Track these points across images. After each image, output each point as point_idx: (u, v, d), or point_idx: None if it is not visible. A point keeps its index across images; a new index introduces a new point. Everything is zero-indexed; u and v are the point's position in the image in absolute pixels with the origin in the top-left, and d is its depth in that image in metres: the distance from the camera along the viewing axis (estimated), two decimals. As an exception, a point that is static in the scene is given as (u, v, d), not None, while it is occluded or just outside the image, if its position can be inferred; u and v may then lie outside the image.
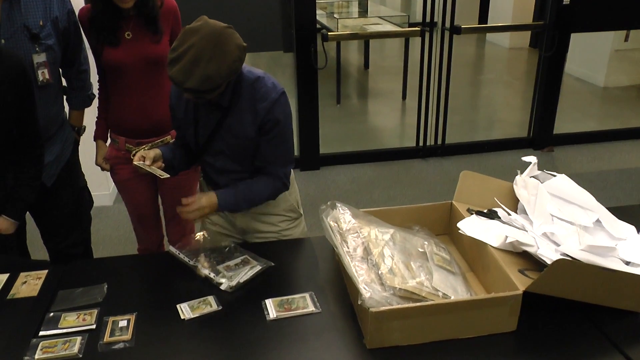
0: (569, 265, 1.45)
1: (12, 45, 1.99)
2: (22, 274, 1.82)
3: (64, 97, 2.40)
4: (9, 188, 2.00)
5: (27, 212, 2.35)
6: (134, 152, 2.30)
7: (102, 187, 3.80)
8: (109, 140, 2.44)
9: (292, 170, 2.05)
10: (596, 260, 1.50)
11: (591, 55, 6.42)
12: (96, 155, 2.45)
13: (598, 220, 1.74)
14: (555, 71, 4.66)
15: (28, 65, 2.00)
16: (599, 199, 1.83)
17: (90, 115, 2.50)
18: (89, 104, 2.49)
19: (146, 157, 1.83)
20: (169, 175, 1.85)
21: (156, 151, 1.88)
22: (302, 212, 2.14)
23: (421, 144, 4.78)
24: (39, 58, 2.06)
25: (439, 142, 4.78)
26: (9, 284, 1.77)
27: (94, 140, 2.45)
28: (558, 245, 1.62)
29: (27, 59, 2.02)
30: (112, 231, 3.68)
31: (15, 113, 1.91)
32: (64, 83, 2.37)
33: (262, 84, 1.81)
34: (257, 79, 1.82)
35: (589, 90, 6.42)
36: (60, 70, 2.27)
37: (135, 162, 1.83)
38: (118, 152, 2.36)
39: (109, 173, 2.48)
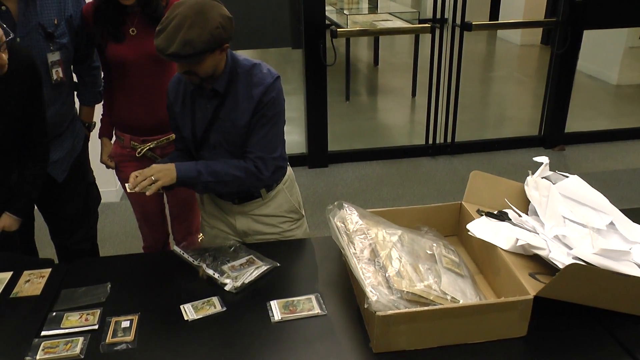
0: (581, 270, 1.41)
1: (27, 43, 1.99)
2: (26, 272, 1.81)
3: (75, 93, 2.39)
4: (13, 185, 1.99)
5: (36, 208, 2.35)
6: (139, 149, 2.28)
7: (108, 184, 3.79)
8: (114, 138, 2.42)
9: (290, 167, 2.02)
10: (610, 265, 1.46)
11: (604, 52, 6.34)
12: (101, 153, 2.44)
13: (612, 223, 1.70)
14: (567, 68, 4.60)
15: (42, 64, 1.99)
16: (611, 199, 1.79)
17: (99, 111, 2.49)
18: (99, 100, 2.48)
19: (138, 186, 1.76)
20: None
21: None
22: (304, 213, 2.11)
23: (430, 141, 4.73)
24: (53, 57, 2.06)
25: (449, 140, 4.73)
26: (13, 282, 1.76)
27: (99, 137, 2.44)
28: (570, 248, 1.58)
29: (42, 57, 2.02)
30: (118, 228, 3.67)
31: (23, 109, 1.89)
32: (75, 79, 2.36)
33: (258, 70, 1.82)
34: (253, 65, 1.83)
35: (602, 88, 6.34)
36: (72, 66, 2.25)
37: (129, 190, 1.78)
38: (123, 149, 2.34)
39: (112, 170, 2.47)
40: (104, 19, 2.11)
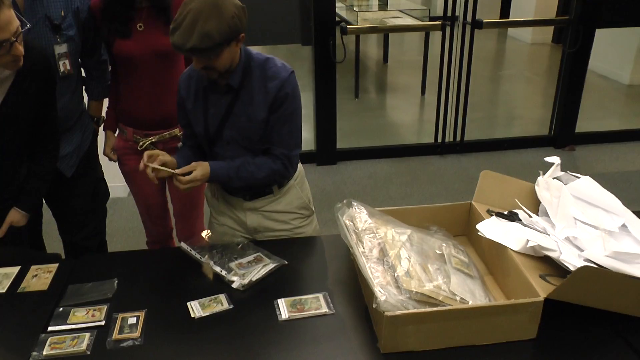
0: (593, 273, 1.39)
1: (34, 36, 1.98)
2: (33, 267, 1.80)
3: (83, 87, 2.38)
4: (22, 180, 1.99)
5: (44, 203, 2.35)
6: (141, 143, 2.28)
7: (116, 179, 3.76)
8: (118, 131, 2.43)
9: (300, 163, 2.01)
10: (622, 267, 1.44)
11: (616, 51, 6.28)
12: (104, 145, 2.44)
13: (624, 225, 1.67)
14: (578, 68, 4.56)
15: (50, 57, 1.99)
16: (622, 200, 1.77)
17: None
18: (107, 95, 2.48)
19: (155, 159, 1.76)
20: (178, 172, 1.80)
21: (166, 157, 1.80)
22: (314, 209, 2.10)
23: (439, 140, 4.71)
24: (61, 49, 2.06)
25: (458, 138, 4.71)
26: (20, 276, 1.76)
27: (104, 130, 2.45)
28: (581, 250, 1.56)
29: (49, 50, 2.01)
30: (125, 222, 3.67)
31: (37, 105, 1.89)
32: (83, 73, 2.36)
33: (272, 64, 1.82)
34: (266, 59, 1.83)
35: (614, 88, 6.29)
36: (80, 60, 2.25)
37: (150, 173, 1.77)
38: (125, 142, 2.35)
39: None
40: (111, 16, 2.11)
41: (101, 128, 2.48)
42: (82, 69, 2.33)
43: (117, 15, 2.10)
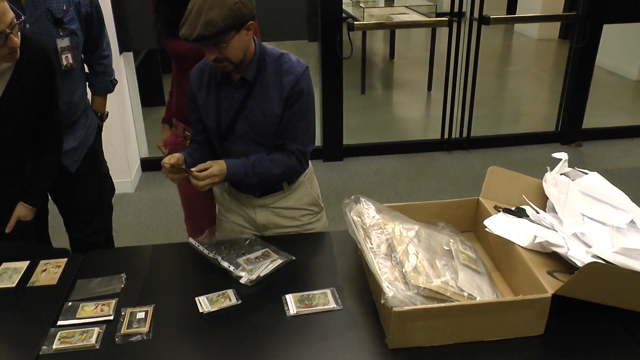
0: (601, 269, 1.39)
1: (36, 29, 1.99)
2: (42, 262, 1.81)
3: (87, 82, 2.39)
4: (28, 175, 2.00)
5: (50, 199, 2.36)
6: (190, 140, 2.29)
7: (124, 175, 3.80)
8: None
9: (310, 162, 2.01)
10: (630, 264, 1.44)
11: (624, 47, 6.25)
12: (159, 138, 2.46)
13: (632, 221, 1.67)
14: (586, 63, 4.53)
15: (52, 51, 2.00)
16: (630, 196, 1.76)
17: (112, 102, 2.49)
18: (111, 90, 2.49)
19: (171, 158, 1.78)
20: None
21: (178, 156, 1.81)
22: (323, 206, 2.10)
23: (446, 136, 4.70)
24: (63, 43, 2.07)
25: (464, 134, 4.70)
26: (30, 271, 1.77)
27: (161, 122, 2.47)
28: (589, 246, 1.56)
29: (51, 43, 2.02)
30: (132, 219, 3.68)
31: (38, 99, 1.90)
32: (86, 69, 2.37)
33: (287, 59, 1.83)
34: (281, 54, 1.84)
35: (621, 84, 6.26)
36: (83, 55, 2.26)
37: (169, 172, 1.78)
38: (177, 138, 2.36)
39: (127, 161, 2.47)
40: (164, 19, 2.13)
41: (108, 126, 2.49)
42: (85, 64, 2.34)
43: (168, 17, 2.12)
